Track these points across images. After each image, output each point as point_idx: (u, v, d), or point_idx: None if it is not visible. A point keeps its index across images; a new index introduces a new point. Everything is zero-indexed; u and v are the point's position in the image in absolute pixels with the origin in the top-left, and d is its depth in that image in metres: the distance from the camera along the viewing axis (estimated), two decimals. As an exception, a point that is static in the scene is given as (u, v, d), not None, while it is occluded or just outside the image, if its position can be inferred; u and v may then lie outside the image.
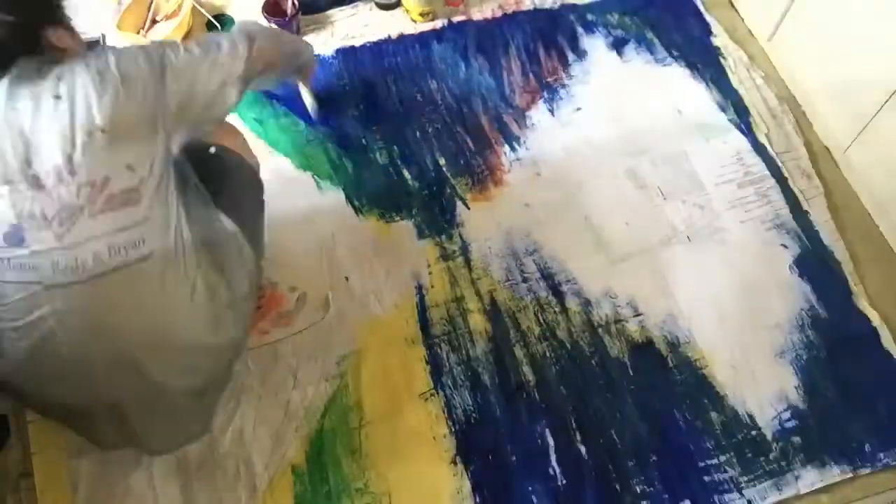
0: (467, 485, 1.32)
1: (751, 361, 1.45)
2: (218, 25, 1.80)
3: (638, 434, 1.37)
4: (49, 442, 1.33)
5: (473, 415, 1.38)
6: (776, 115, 1.78)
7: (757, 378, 1.43)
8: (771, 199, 1.65)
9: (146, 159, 0.98)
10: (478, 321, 1.48)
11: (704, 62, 1.86)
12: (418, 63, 1.85)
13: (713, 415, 1.39)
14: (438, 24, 1.92)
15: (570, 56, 1.87)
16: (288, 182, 1.65)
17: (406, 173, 1.67)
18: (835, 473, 1.34)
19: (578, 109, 1.78)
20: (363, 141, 1.72)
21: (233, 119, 1.73)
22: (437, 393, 1.40)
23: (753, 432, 1.38)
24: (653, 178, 1.68)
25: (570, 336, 1.47)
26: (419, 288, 1.52)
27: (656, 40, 1.90)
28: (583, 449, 1.35)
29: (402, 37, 1.89)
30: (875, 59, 1.50)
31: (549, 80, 1.83)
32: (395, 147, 1.71)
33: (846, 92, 1.63)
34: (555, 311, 1.50)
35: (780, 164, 1.70)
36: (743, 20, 1.96)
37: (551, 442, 1.36)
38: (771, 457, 1.35)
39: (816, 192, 1.67)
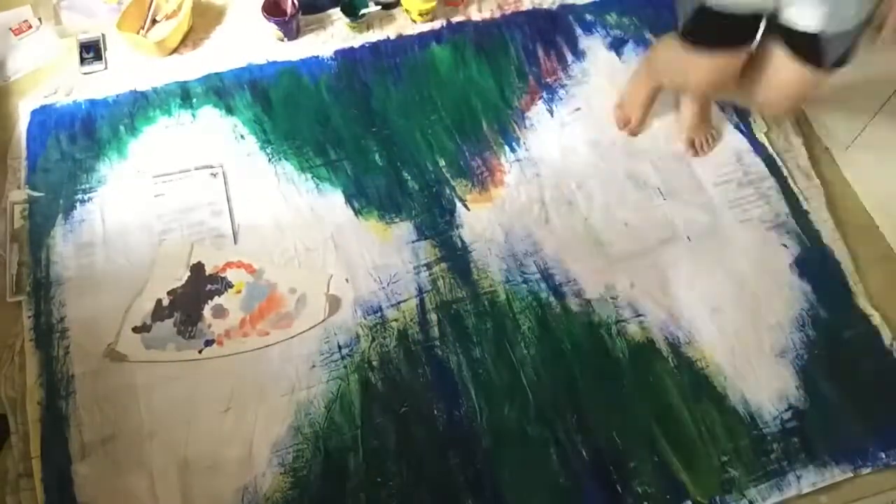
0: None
1: (751, 361, 1.45)
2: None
3: (639, 435, 1.37)
4: (50, 444, 1.33)
5: (475, 416, 1.38)
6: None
7: (758, 378, 1.43)
8: (771, 199, 1.65)
9: None
10: (478, 322, 1.48)
11: (704, 62, 1.86)
12: (417, 63, 1.84)
13: (714, 415, 1.39)
14: (438, 24, 1.91)
15: (569, 56, 1.87)
16: (288, 183, 1.64)
17: (405, 174, 1.67)
18: (835, 473, 1.34)
19: (577, 110, 1.78)
20: (362, 142, 1.71)
21: (228, 121, 1.73)
22: (437, 394, 1.40)
23: (754, 432, 1.38)
24: (653, 178, 1.68)
25: (570, 337, 1.47)
26: (419, 290, 1.52)
27: (655, 41, 1.89)
28: (584, 450, 1.36)
29: (401, 37, 1.89)
30: (875, 59, 1.50)
31: (548, 80, 1.83)
32: (395, 148, 1.71)
33: (846, 92, 1.63)
34: (555, 312, 1.50)
35: (779, 163, 1.70)
36: (742, 20, 1.96)
37: (552, 443, 1.36)
38: (772, 457, 1.36)
39: (816, 192, 1.67)
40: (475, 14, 1.94)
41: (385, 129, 1.73)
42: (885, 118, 1.50)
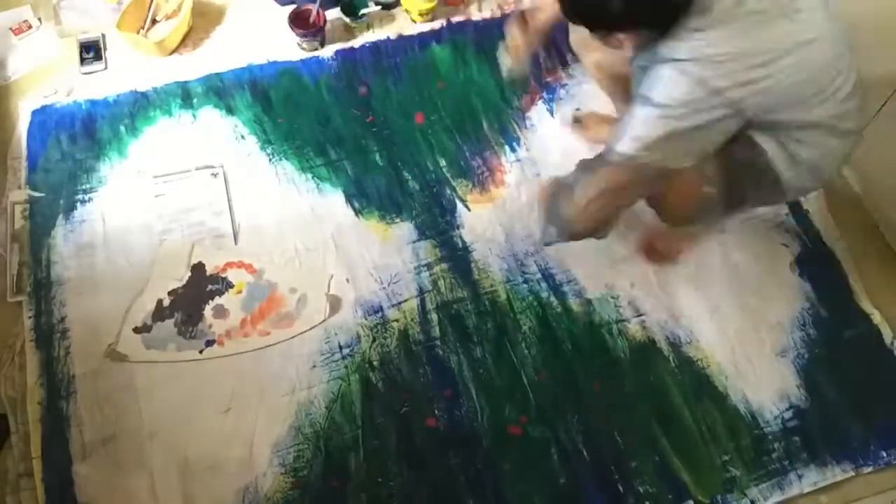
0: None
1: (752, 361, 1.45)
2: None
3: (640, 434, 1.37)
4: (50, 444, 1.33)
5: (475, 416, 1.38)
6: (776, 115, 1.78)
7: (759, 377, 1.43)
8: (771, 199, 1.65)
9: None
10: (479, 322, 1.48)
11: (704, 62, 1.86)
12: (417, 63, 1.84)
13: (715, 414, 1.40)
14: (438, 24, 1.91)
15: (569, 56, 1.86)
16: (288, 183, 1.64)
17: (406, 174, 1.67)
18: (837, 472, 1.34)
19: (578, 109, 1.77)
20: (363, 142, 1.71)
21: (228, 121, 1.73)
22: (438, 394, 1.40)
23: (755, 432, 1.38)
24: (653, 178, 1.67)
25: (571, 336, 1.47)
26: (420, 289, 1.52)
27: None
28: (584, 450, 1.35)
29: (401, 37, 1.89)
30: (875, 59, 1.50)
31: (548, 80, 1.83)
32: (395, 148, 1.71)
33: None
34: (556, 312, 1.50)
35: (780, 163, 1.70)
36: (742, 20, 1.96)
37: (553, 442, 1.36)
38: (773, 456, 1.36)
39: (816, 192, 1.67)
40: (475, 14, 1.94)
41: (385, 129, 1.73)
42: (885, 118, 1.51)
